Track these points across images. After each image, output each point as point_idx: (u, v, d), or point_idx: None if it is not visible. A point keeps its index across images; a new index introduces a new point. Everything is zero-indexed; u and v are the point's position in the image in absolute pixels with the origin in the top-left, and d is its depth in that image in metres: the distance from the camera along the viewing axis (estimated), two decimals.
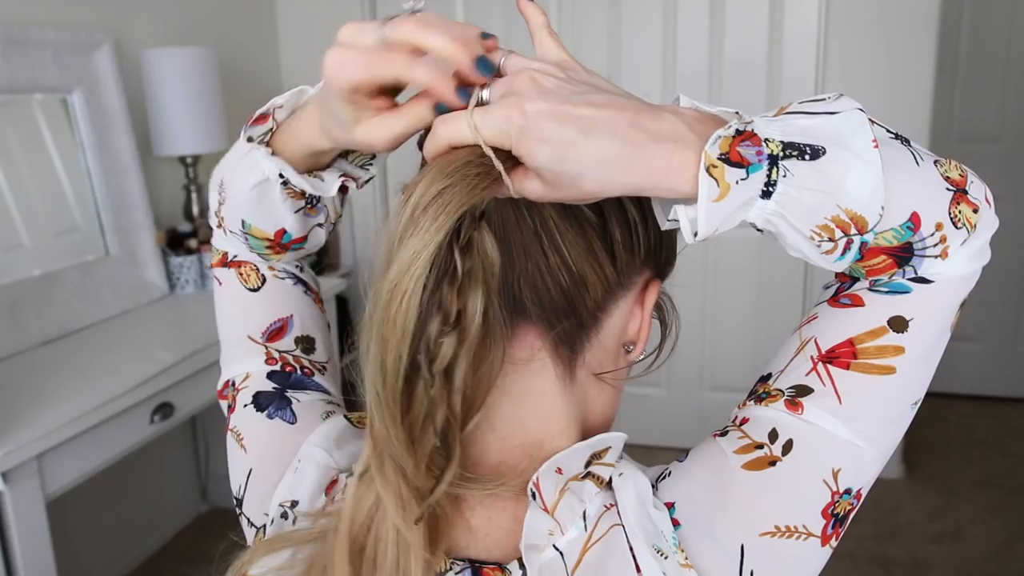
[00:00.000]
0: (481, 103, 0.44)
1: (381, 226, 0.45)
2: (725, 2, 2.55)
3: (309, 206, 0.60)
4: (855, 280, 0.50)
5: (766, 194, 0.41)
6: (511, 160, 0.43)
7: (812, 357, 0.49)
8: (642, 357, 0.55)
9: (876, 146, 0.42)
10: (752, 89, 2.57)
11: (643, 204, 0.50)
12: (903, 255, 0.45)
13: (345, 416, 0.59)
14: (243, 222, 0.60)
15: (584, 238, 0.48)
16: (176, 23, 2.32)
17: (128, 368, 1.59)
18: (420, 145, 0.47)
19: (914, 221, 0.44)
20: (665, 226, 0.46)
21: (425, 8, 0.45)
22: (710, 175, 0.41)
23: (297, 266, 0.66)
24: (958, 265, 0.47)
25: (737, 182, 0.41)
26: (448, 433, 0.43)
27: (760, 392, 0.51)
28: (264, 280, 0.63)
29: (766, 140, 0.41)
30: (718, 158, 0.41)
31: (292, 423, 0.59)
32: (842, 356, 0.48)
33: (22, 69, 1.79)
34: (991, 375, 3.25)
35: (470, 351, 0.43)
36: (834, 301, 0.50)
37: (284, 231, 0.60)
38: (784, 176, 0.41)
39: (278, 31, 2.86)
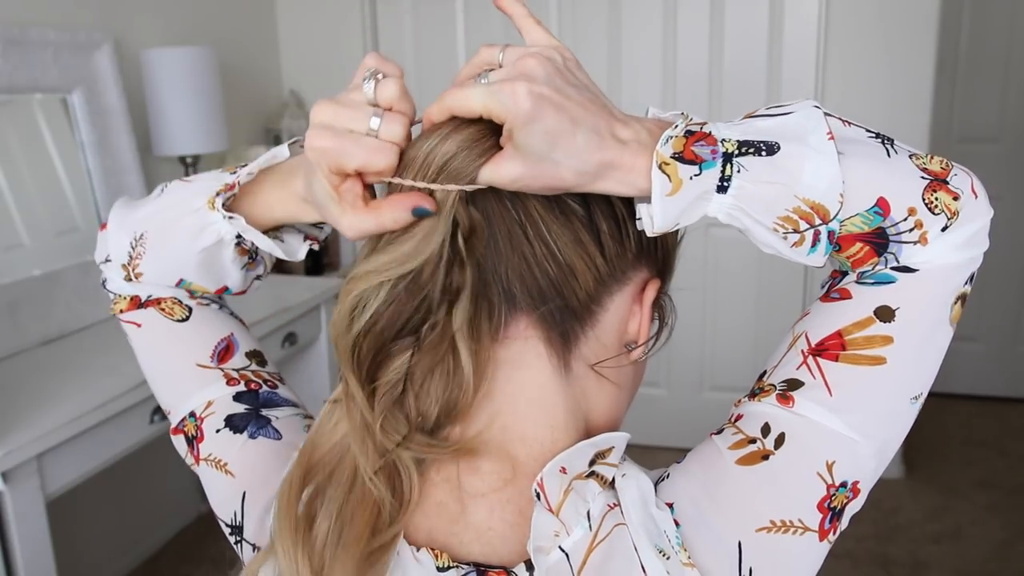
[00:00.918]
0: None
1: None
2: (725, 3, 2.55)
3: (251, 260, 0.61)
4: (845, 275, 0.51)
5: (722, 189, 0.45)
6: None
7: (802, 351, 0.49)
8: (643, 357, 0.54)
9: (831, 138, 0.45)
10: (752, 89, 2.57)
11: (630, 200, 0.51)
12: (879, 241, 0.46)
13: None
14: (181, 280, 0.60)
15: (570, 229, 0.49)
16: (176, 23, 2.32)
17: (128, 368, 1.58)
18: None
19: (881, 206, 0.45)
20: (639, 225, 0.48)
21: (386, 72, 0.48)
22: (663, 171, 0.44)
23: (218, 295, 0.65)
24: (943, 253, 0.47)
25: (691, 178, 0.44)
26: (412, 408, 0.48)
27: (755, 389, 0.52)
28: (191, 309, 0.62)
29: (722, 140, 0.44)
30: (671, 156, 0.44)
31: (278, 439, 0.58)
32: (831, 348, 0.48)
33: (22, 69, 1.79)
34: (991, 375, 3.25)
35: (465, 330, 0.47)
36: (825, 297, 0.51)
37: (226, 287, 0.62)
38: (739, 171, 0.44)
39: (278, 31, 2.86)
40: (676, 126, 0.45)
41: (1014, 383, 3.24)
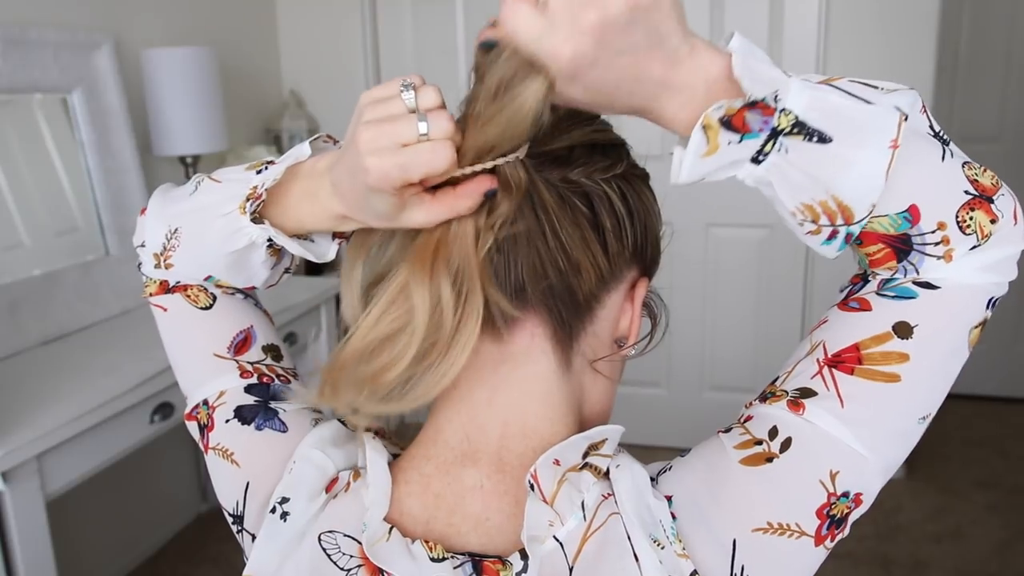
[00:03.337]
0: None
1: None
2: (725, 2, 2.55)
3: (279, 256, 0.60)
4: (866, 282, 0.50)
5: (757, 161, 0.43)
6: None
7: (819, 360, 0.49)
8: (633, 353, 0.56)
9: (895, 147, 0.42)
10: None
11: (627, 199, 0.52)
12: (902, 247, 0.45)
13: (339, 420, 0.59)
14: (209, 276, 0.61)
15: (578, 227, 0.50)
16: (176, 23, 2.32)
17: (128, 368, 1.59)
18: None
19: (912, 212, 0.44)
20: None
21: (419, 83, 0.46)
22: (704, 133, 0.43)
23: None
24: (965, 273, 0.46)
25: (728, 143, 0.43)
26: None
27: (767, 392, 0.52)
28: (215, 298, 0.62)
29: (782, 111, 0.42)
30: (719, 120, 0.42)
31: (283, 432, 0.58)
32: (847, 361, 0.48)
33: (22, 69, 1.79)
34: (991, 375, 3.24)
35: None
36: (843, 305, 0.51)
37: (254, 287, 0.62)
38: (779, 151, 0.42)
39: (278, 31, 2.86)
40: (741, 99, 0.42)
41: (1014, 383, 3.24)
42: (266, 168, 0.56)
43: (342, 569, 0.50)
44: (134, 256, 0.64)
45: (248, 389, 0.60)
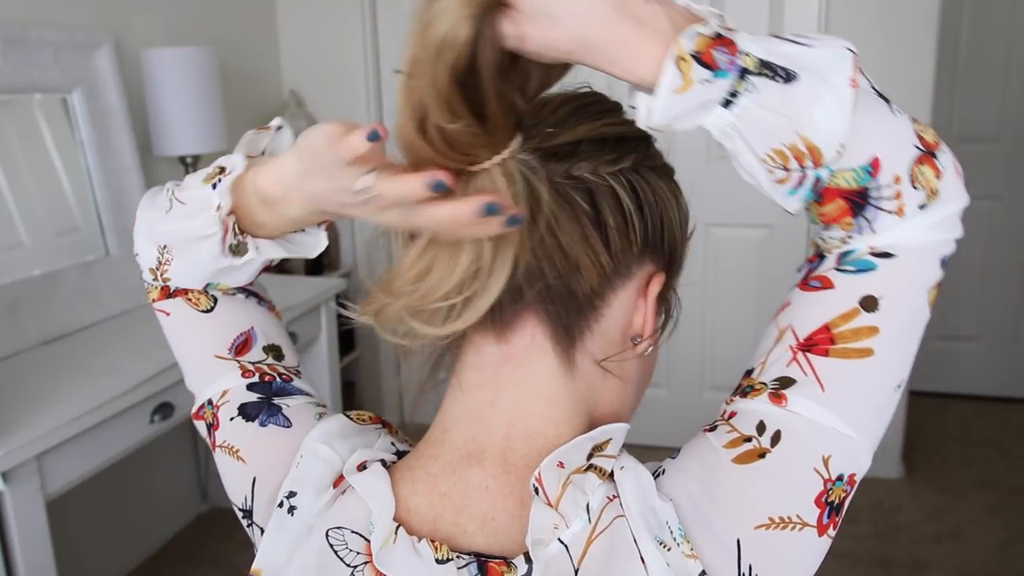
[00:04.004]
0: None
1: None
2: (725, 2, 2.55)
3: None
4: (823, 259, 0.50)
5: (727, 103, 0.43)
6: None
7: (791, 347, 0.49)
8: (647, 351, 0.55)
9: (854, 85, 0.43)
10: None
11: (637, 193, 0.50)
12: (859, 201, 0.46)
13: (345, 414, 0.60)
14: (207, 285, 0.62)
15: (577, 224, 0.49)
16: (176, 23, 2.32)
17: (128, 368, 1.59)
18: None
19: (873, 166, 0.45)
20: (630, 113, 0.46)
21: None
22: (677, 67, 0.42)
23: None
24: (915, 232, 0.47)
25: (702, 81, 0.42)
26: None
27: (745, 386, 0.51)
28: (216, 300, 0.63)
29: (745, 53, 0.42)
30: (690, 53, 0.42)
31: (288, 427, 0.59)
32: (820, 343, 0.48)
33: (22, 69, 1.79)
34: (991, 375, 3.25)
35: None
36: (804, 284, 0.50)
37: (252, 282, 0.64)
38: (749, 91, 0.42)
39: (278, 31, 2.86)
40: (708, 24, 0.43)
41: (1014, 383, 3.24)
42: (219, 181, 0.57)
43: (348, 566, 0.50)
44: (134, 256, 0.64)
45: (250, 387, 0.61)
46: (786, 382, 0.48)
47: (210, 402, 0.62)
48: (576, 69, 0.49)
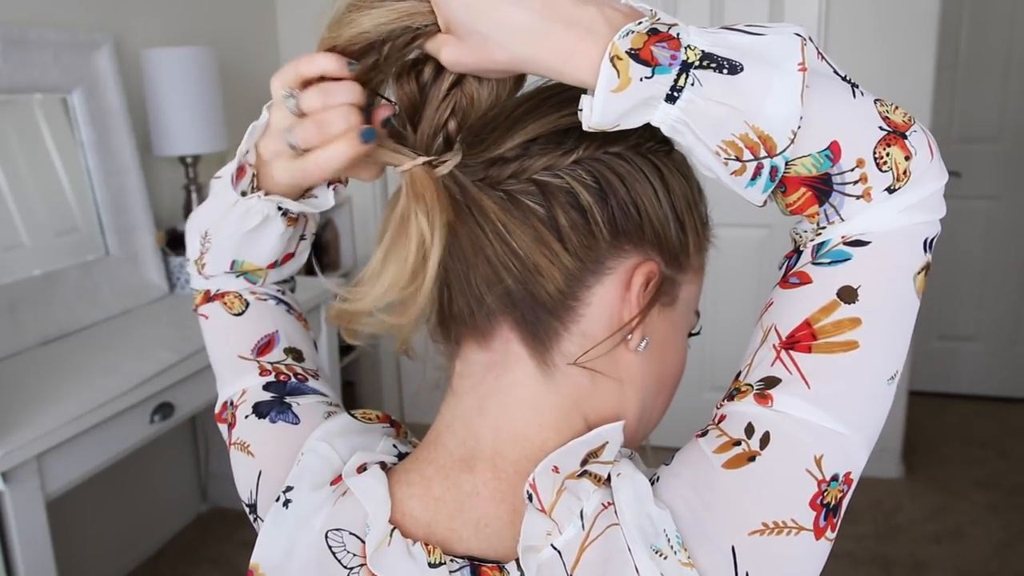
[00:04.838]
0: None
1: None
2: (725, 2, 2.55)
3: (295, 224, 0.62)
4: (799, 255, 0.49)
5: (671, 98, 0.42)
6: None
7: (774, 346, 0.48)
8: (642, 347, 0.52)
9: (802, 70, 0.42)
10: None
11: (600, 184, 0.49)
12: (822, 187, 0.45)
13: (350, 413, 0.60)
14: (233, 262, 0.63)
15: (528, 226, 0.48)
16: (176, 23, 2.32)
17: (128, 368, 1.59)
18: None
19: (833, 150, 0.43)
20: (578, 116, 0.47)
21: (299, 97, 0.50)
22: (613, 65, 0.42)
23: (279, 290, 0.68)
24: (888, 216, 0.45)
25: (640, 79, 0.42)
26: None
27: (732, 389, 0.50)
28: (248, 304, 0.65)
29: (687, 47, 0.42)
30: (626, 52, 0.42)
31: (295, 424, 0.60)
32: (802, 340, 0.47)
33: (22, 69, 1.79)
34: (991, 375, 3.25)
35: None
36: (784, 283, 0.50)
37: (275, 263, 0.64)
38: (692, 84, 0.42)
39: (278, 31, 2.86)
40: (641, 22, 0.43)
41: (1014, 383, 3.24)
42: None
43: (345, 567, 0.50)
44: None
45: (266, 387, 0.62)
46: (771, 382, 0.47)
47: (231, 402, 0.63)
48: None
